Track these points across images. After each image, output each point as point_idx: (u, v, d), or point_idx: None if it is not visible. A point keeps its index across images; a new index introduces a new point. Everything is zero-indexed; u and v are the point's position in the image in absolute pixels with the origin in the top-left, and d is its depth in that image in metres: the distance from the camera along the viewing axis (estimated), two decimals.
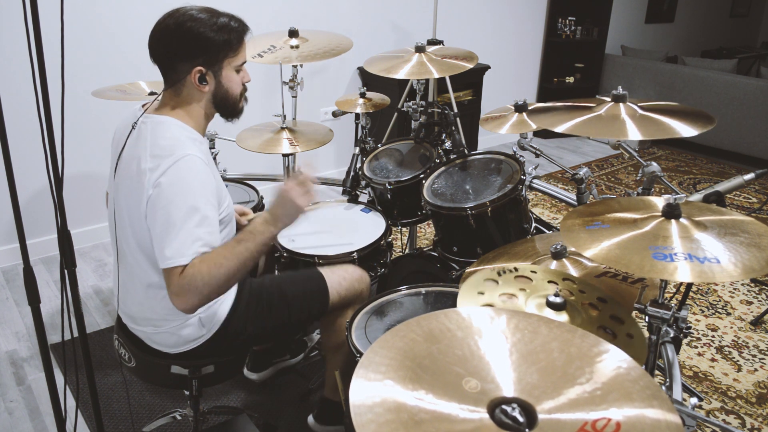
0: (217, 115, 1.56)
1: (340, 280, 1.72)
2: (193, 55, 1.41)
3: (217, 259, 1.35)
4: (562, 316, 1.19)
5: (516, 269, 1.35)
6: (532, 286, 1.30)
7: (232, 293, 1.58)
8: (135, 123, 1.43)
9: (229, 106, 1.52)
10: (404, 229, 2.89)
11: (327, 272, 1.73)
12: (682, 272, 1.06)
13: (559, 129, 1.45)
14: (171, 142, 1.38)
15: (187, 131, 1.44)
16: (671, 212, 1.21)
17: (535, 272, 1.35)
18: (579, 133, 1.45)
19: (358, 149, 2.41)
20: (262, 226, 1.42)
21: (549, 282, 1.31)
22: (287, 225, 1.44)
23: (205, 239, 1.35)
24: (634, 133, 1.39)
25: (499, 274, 1.33)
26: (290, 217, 1.44)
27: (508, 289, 1.29)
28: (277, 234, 1.44)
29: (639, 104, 1.51)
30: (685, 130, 1.37)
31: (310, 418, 1.94)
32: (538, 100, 5.23)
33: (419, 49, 2.28)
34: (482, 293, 1.29)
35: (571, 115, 1.51)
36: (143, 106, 1.48)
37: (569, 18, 5.17)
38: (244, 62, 1.52)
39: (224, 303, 1.55)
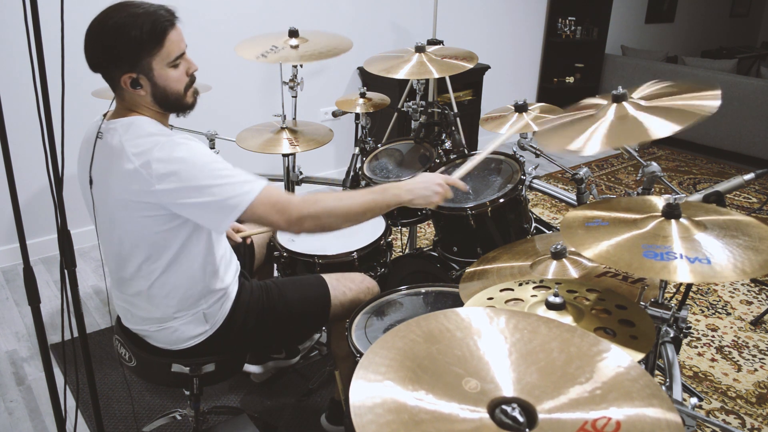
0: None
1: (345, 290, 1.71)
2: (117, 62, 1.32)
3: (345, 197, 1.41)
4: (566, 318, 1.19)
5: (541, 281, 1.34)
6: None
7: (234, 289, 1.58)
8: (99, 132, 1.39)
9: (172, 104, 1.42)
10: (404, 229, 2.89)
11: (332, 280, 1.72)
12: (674, 271, 1.07)
13: (574, 147, 1.34)
14: (150, 137, 1.33)
15: (159, 126, 1.40)
16: (671, 212, 1.21)
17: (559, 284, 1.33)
18: (606, 147, 1.31)
19: (358, 149, 2.41)
20: (395, 188, 1.48)
21: (568, 291, 1.29)
22: (414, 202, 1.50)
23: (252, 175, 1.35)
24: (661, 128, 1.26)
25: (520, 285, 1.33)
26: (422, 197, 1.51)
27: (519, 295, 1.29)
28: (403, 203, 1.49)
29: (638, 97, 1.50)
30: (701, 103, 1.30)
31: (323, 419, 1.97)
32: (538, 100, 5.24)
33: (419, 49, 2.28)
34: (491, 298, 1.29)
35: (581, 128, 1.42)
36: (104, 114, 1.45)
37: (569, 18, 5.17)
38: (182, 53, 1.38)
39: (227, 300, 1.56)
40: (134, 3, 1.33)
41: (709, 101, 1.32)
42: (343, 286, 1.72)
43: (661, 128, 1.29)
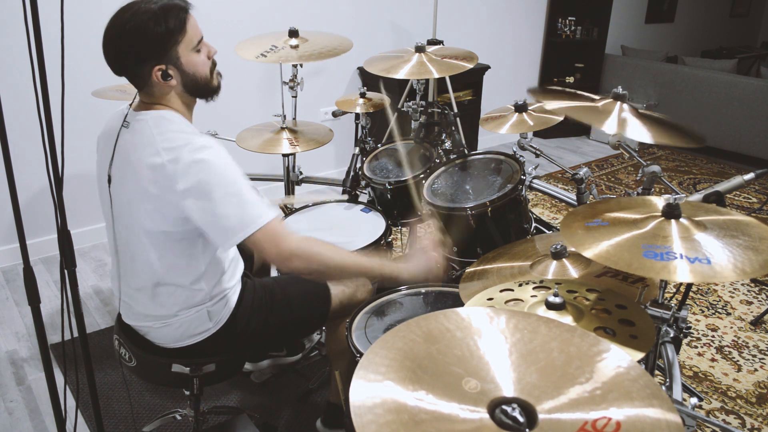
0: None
1: (343, 286, 1.72)
2: (144, 57, 1.35)
3: (342, 251, 1.45)
4: (566, 318, 1.19)
5: (541, 282, 1.34)
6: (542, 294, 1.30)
7: (237, 289, 1.59)
8: (125, 121, 1.41)
9: (202, 88, 1.46)
10: (404, 229, 2.89)
11: None
12: (674, 271, 1.07)
13: (550, 106, 1.55)
14: (181, 134, 1.35)
15: (188, 122, 1.43)
16: (671, 212, 1.21)
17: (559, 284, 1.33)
18: (572, 116, 1.50)
19: (358, 149, 2.41)
20: (395, 269, 1.53)
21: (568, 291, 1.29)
22: (409, 279, 1.55)
23: (266, 203, 1.37)
24: (610, 127, 1.46)
25: (520, 285, 1.33)
26: (417, 274, 1.56)
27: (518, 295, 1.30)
28: (396, 278, 1.54)
29: (638, 109, 1.52)
30: (674, 141, 1.42)
31: (318, 423, 1.95)
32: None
33: (419, 49, 2.28)
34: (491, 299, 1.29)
35: (572, 100, 1.55)
36: (131, 104, 1.46)
37: (569, 18, 5.17)
38: (201, 38, 1.42)
39: (231, 298, 1.56)
40: None
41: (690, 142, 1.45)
42: (340, 282, 1.72)
43: (610, 127, 1.45)
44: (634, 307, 1.22)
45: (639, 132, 1.43)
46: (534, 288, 1.31)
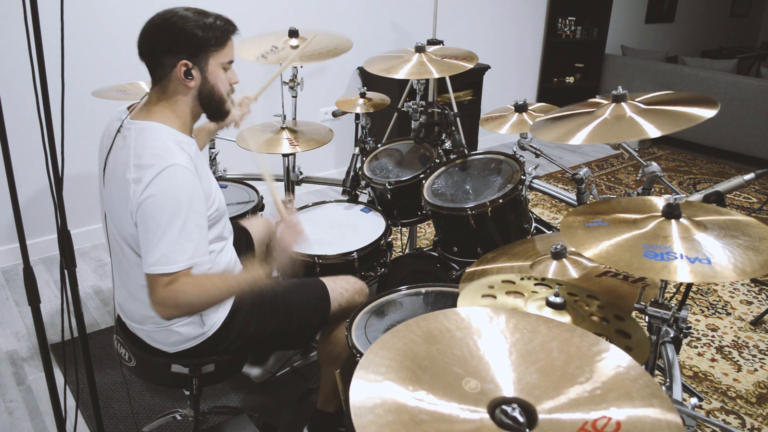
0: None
1: (342, 291, 1.72)
2: (178, 49, 1.40)
3: (207, 284, 1.42)
4: (565, 319, 1.19)
5: (542, 279, 1.34)
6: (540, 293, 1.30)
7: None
8: (120, 128, 1.42)
9: (215, 104, 1.50)
10: (404, 229, 2.89)
11: (329, 282, 1.72)
12: (674, 271, 1.07)
13: (573, 141, 1.38)
14: (155, 151, 1.36)
15: (173, 135, 1.42)
16: (671, 212, 1.21)
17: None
18: (596, 141, 1.38)
19: (358, 149, 2.41)
20: (255, 269, 1.50)
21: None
22: (278, 266, 1.54)
23: (188, 251, 1.36)
24: (651, 130, 1.32)
25: (522, 279, 1.34)
26: (280, 260, 1.54)
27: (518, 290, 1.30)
28: (266, 275, 1.51)
29: (638, 100, 1.50)
30: (697, 113, 1.33)
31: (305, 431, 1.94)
32: (538, 100, 5.24)
33: (419, 49, 2.28)
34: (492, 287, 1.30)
35: (578, 123, 1.45)
36: (129, 108, 1.47)
37: (569, 18, 5.18)
38: (232, 61, 1.50)
39: (226, 303, 1.55)
40: (203, 11, 1.44)
41: (702, 111, 1.36)
42: (340, 287, 1.72)
43: (651, 129, 1.33)
44: (631, 320, 1.23)
45: (661, 124, 1.34)
46: (536, 284, 1.31)
